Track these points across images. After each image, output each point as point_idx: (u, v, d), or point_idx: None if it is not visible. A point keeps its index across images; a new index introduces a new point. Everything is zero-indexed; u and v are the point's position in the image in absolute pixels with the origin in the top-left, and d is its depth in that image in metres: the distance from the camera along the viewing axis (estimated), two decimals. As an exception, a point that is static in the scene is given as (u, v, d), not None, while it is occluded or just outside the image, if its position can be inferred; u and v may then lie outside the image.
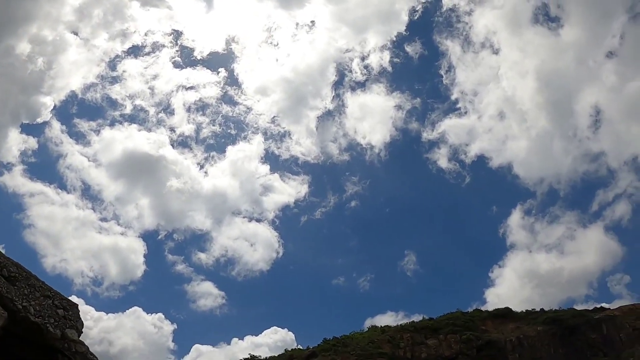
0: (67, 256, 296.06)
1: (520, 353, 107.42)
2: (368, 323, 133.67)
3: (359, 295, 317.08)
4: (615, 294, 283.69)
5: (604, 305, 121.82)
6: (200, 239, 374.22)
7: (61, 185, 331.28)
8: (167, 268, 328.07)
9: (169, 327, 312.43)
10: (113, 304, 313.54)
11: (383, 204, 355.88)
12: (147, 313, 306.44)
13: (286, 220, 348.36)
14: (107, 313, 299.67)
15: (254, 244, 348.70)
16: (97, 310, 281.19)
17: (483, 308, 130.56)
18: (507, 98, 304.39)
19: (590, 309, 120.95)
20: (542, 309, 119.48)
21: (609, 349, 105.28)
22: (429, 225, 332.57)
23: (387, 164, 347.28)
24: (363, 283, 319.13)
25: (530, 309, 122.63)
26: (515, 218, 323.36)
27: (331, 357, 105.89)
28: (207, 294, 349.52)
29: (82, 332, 11.86)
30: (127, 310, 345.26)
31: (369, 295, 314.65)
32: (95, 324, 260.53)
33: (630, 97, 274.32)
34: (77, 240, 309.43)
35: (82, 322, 11.91)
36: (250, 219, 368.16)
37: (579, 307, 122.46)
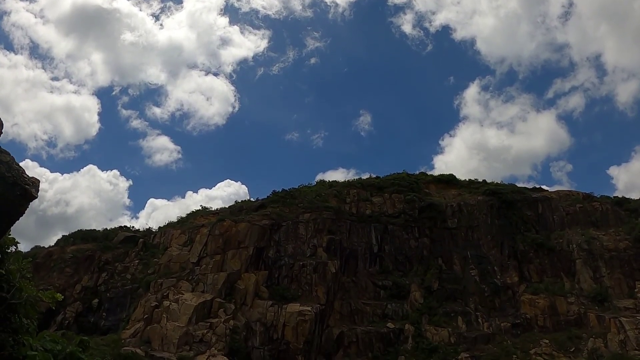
0: (19, 120, 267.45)
1: (458, 218, 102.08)
2: (319, 178, 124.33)
3: (312, 151, 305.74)
4: (556, 179, 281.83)
5: (543, 187, 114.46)
6: (154, 93, 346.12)
7: (7, 45, 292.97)
8: (122, 124, 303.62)
9: (124, 184, 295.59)
10: (68, 165, 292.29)
11: (342, 63, 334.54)
12: (102, 170, 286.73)
13: (243, 75, 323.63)
14: (62, 174, 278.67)
15: (209, 98, 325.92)
16: (51, 172, 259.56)
17: (429, 173, 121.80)
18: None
19: (529, 187, 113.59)
20: (484, 180, 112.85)
21: (542, 227, 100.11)
22: (386, 88, 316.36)
23: (350, 23, 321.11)
24: (316, 140, 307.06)
25: (473, 178, 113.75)
26: (472, 92, 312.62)
27: (279, 208, 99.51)
28: (162, 149, 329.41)
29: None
30: (81, 169, 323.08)
31: (321, 151, 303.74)
32: (51, 186, 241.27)
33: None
34: (29, 103, 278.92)
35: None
36: (207, 73, 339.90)
37: (519, 185, 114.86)
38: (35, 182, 8.99)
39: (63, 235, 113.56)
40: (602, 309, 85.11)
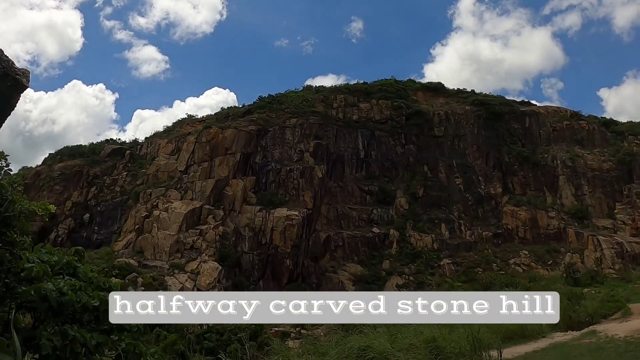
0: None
1: (445, 127, 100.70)
2: (308, 84, 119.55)
3: (302, 58, 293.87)
4: (546, 96, 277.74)
5: (532, 102, 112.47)
6: (138, 3, 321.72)
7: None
8: (106, 37, 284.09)
9: (110, 97, 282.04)
10: (53, 83, 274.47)
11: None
12: (87, 85, 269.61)
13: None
14: (46, 92, 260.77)
15: (196, 6, 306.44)
16: (35, 91, 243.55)
17: (418, 81, 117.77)
18: None
19: (518, 101, 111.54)
20: (472, 90, 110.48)
21: (528, 141, 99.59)
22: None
23: None
24: (306, 46, 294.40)
25: (462, 88, 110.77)
26: (467, 3, 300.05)
27: (266, 114, 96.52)
28: (149, 60, 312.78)
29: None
30: (66, 86, 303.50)
31: (311, 58, 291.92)
32: (35, 106, 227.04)
33: None
34: (8, 23, 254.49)
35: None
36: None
37: (508, 98, 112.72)
38: (25, 73, 8.66)
39: (50, 154, 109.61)
40: (582, 226, 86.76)
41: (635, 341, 15.15)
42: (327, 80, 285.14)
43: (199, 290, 65.49)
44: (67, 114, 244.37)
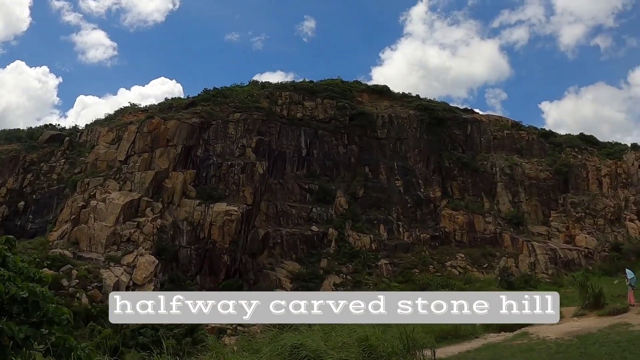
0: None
1: (388, 129, 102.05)
2: (256, 79, 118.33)
3: (251, 53, 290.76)
4: (489, 106, 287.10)
5: (475, 110, 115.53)
6: None
7: None
8: (54, 18, 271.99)
9: (54, 81, 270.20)
10: None
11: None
12: (30, 67, 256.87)
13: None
14: None
15: None
16: None
17: (364, 82, 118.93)
18: None
19: (461, 108, 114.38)
20: (417, 95, 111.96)
21: (468, 147, 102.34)
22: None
23: None
24: (257, 42, 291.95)
25: (407, 92, 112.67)
26: (419, 10, 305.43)
27: (210, 107, 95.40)
28: (97, 45, 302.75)
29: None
30: (8, 66, 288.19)
31: (260, 54, 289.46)
32: None
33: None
34: None
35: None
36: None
37: (452, 105, 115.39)
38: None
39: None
40: (517, 231, 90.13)
41: (565, 343, 15.83)
42: (276, 77, 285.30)
43: (134, 284, 63.96)
44: (7, 96, 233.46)
